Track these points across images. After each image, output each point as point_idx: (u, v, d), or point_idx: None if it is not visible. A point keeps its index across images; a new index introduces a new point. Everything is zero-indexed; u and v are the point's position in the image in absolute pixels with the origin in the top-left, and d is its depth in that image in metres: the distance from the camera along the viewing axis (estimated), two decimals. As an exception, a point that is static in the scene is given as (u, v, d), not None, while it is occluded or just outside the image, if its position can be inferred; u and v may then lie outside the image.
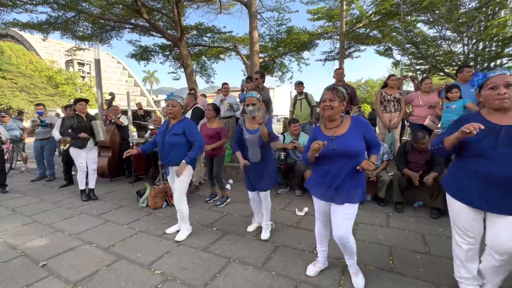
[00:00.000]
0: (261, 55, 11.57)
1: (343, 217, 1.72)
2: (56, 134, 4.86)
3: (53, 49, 44.34)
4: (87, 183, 4.11)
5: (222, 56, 12.53)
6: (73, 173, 5.33)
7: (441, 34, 8.16)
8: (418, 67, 11.01)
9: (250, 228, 2.87)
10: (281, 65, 12.60)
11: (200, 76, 12.51)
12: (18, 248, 2.56)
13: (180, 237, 2.67)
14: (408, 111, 4.59)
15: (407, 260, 2.19)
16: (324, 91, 1.85)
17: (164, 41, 10.01)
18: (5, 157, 6.49)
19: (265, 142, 2.47)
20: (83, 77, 41.42)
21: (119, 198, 4.12)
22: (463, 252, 1.65)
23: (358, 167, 1.67)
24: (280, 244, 2.52)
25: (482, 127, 1.34)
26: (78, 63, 46.92)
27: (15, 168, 6.77)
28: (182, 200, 2.71)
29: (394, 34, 9.56)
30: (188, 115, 4.34)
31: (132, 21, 8.70)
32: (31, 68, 30.21)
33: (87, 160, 4.04)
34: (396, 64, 7.02)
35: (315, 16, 11.42)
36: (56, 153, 5.73)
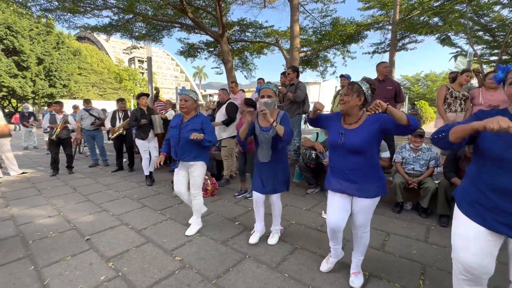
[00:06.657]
0: (304, 49, 11.20)
1: (361, 209, 1.77)
2: (107, 124, 5.55)
3: (119, 48, 50.26)
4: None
5: (264, 50, 12.50)
6: (124, 160, 6.01)
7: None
8: (493, 58, 9.31)
9: (252, 240, 2.50)
10: (324, 59, 12.00)
11: (241, 71, 12.72)
12: (72, 222, 3.01)
13: (190, 232, 2.69)
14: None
15: (442, 283, 1.91)
16: None
17: (208, 38, 10.45)
18: (75, 144, 7.65)
19: (281, 139, 2.20)
20: (142, 73, 46.03)
21: (158, 185, 4.50)
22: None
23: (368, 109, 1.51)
24: (298, 246, 2.45)
25: None
26: (139, 61, 52.33)
27: (82, 153, 7.93)
28: (198, 193, 2.73)
29: (462, 20, 8.19)
30: (223, 110, 4.45)
31: (180, 21, 9.27)
32: (102, 66, 34.85)
33: (150, 149, 4.64)
34: (456, 56, 5.99)
35: (366, 5, 10.53)
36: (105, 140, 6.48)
